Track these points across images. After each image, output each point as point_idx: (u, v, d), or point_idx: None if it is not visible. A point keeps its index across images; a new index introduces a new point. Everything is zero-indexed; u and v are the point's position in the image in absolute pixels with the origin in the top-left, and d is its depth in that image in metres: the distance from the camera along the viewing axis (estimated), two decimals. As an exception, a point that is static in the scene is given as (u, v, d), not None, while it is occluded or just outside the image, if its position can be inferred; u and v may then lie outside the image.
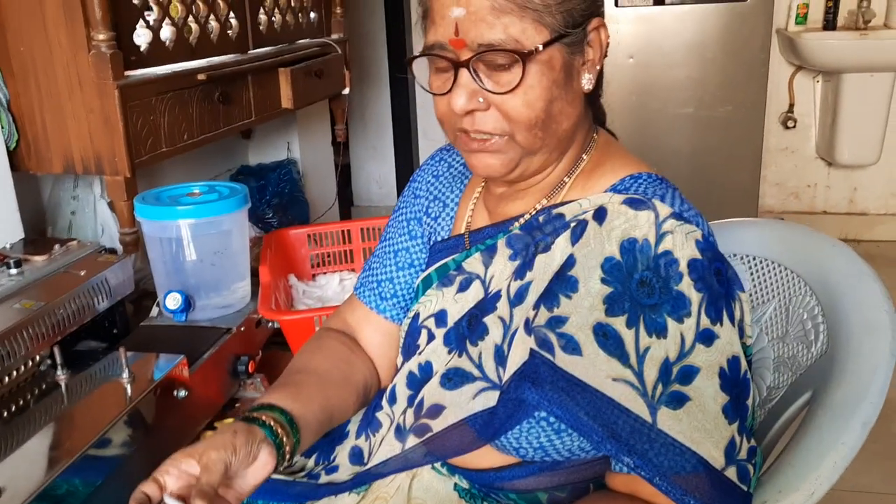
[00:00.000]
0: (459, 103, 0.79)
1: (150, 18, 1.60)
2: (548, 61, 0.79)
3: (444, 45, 0.79)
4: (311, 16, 2.35)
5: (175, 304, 1.30)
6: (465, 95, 0.79)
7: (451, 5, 0.78)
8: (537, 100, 0.79)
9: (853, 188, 3.47)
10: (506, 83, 0.78)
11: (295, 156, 2.74)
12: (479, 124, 0.81)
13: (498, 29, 0.76)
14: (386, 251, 1.05)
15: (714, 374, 0.74)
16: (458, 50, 0.79)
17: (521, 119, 0.80)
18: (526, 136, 0.81)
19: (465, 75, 0.79)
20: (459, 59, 0.79)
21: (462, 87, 0.79)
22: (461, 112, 0.80)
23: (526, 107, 0.79)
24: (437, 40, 0.80)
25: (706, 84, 2.91)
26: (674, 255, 0.75)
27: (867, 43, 3.10)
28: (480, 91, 0.80)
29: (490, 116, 0.81)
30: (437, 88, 0.83)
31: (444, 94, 0.82)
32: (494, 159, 0.83)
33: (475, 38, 0.77)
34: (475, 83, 0.79)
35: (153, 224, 1.33)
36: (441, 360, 0.88)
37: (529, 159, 0.84)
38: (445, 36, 0.79)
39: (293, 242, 1.67)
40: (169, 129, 1.62)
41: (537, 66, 0.78)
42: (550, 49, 0.78)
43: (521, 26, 0.77)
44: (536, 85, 0.78)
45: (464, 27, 0.77)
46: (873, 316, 0.94)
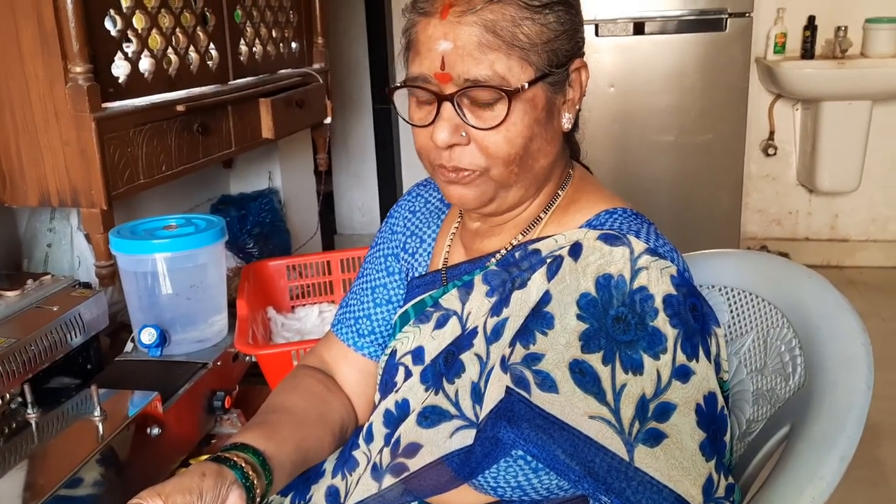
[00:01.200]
0: (442, 137, 0.79)
1: (128, 50, 1.59)
2: (531, 99, 0.79)
3: (429, 78, 0.79)
4: (292, 46, 2.36)
5: (150, 339, 1.28)
6: (448, 129, 0.79)
7: (439, 38, 0.78)
8: (518, 136, 0.79)
9: (834, 215, 3.50)
10: (489, 119, 0.79)
11: (276, 185, 2.73)
12: (457, 160, 0.81)
13: (485, 65, 0.77)
14: (363, 287, 1.04)
15: (691, 411, 0.74)
16: (442, 84, 0.79)
17: (500, 154, 0.80)
18: (501, 172, 0.81)
19: (448, 109, 0.79)
20: (444, 92, 0.79)
21: (445, 120, 0.79)
22: (443, 145, 0.80)
23: (506, 143, 0.79)
24: (421, 73, 0.80)
25: (686, 112, 2.94)
26: (649, 290, 0.75)
27: (844, 72, 3.15)
28: (463, 126, 0.80)
29: (468, 151, 0.81)
30: (419, 120, 0.83)
31: (425, 127, 0.82)
32: (468, 191, 0.83)
33: (461, 73, 0.77)
34: (458, 118, 0.79)
35: (128, 258, 1.31)
36: (418, 397, 0.87)
37: (505, 193, 0.84)
38: (431, 69, 0.79)
39: (272, 274, 1.66)
40: (147, 161, 1.61)
41: (521, 104, 0.78)
42: (535, 88, 0.79)
43: (507, 64, 0.77)
44: (519, 122, 0.79)
45: (450, 61, 0.77)
46: (849, 349, 0.94)
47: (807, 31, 3.25)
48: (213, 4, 1.90)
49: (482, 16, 0.77)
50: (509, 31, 0.77)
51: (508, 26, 0.77)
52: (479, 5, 0.77)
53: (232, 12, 1.98)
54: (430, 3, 0.80)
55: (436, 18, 0.79)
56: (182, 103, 1.70)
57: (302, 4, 2.42)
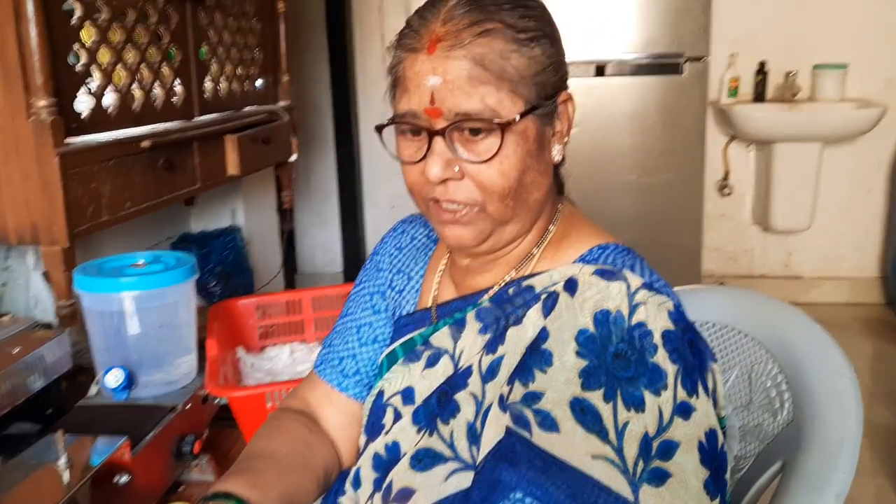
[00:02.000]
0: (434, 171, 0.78)
1: (92, 85, 1.56)
2: (523, 132, 0.79)
3: (418, 114, 0.78)
4: (257, 83, 2.34)
5: (116, 382, 1.23)
6: (441, 164, 0.78)
7: (427, 74, 0.77)
8: (512, 169, 0.78)
9: (788, 252, 3.57)
10: (482, 152, 0.78)
11: (239, 223, 2.68)
12: (451, 194, 0.80)
13: (475, 98, 0.76)
14: (348, 326, 1.01)
15: (693, 448, 0.72)
16: (433, 119, 0.78)
17: (496, 189, 0.79)
18: (497, 207, 0.80)
19: (439, 144, 0.78)
20: (434, 127, 0.78)
21: (437, 155, 0.78)
22: (436, 180, 0.79)
23: (501, 176, 0.78)
24: (410, 108, 0.79)
25: (647, 152, 2.99)
26: (647, 326, 0.74)
27: (795, 115, 3.25)
28: (456, 160, 0.78)
29: (463, 186, 0.79)
30: (409, 157, 0.82)
31: (416, 163, 0.80)
32: (466, 231, 0.82)
33: (452, 108, 0.76)
34: (450, 152, 0.78)
35: (94, 297, 1.26)
36: (410, 440, 0.84)
37: (501, 230, 0.83)
38: (420, 104, 0.78)
39: (241, 313, 1.62)
40: (111, 198, 1.57)
41: (513, 137, 0.78)
42: (525, 120, 0.78)
43: (497, 97, 0.77)
44: (512, 155, 0.78)
45: (440, 96, 0.76)
46: (836, 384, 0.94)
47: (758, 75, 3.35)
48: (178, 40, 1.87)
49: (471, 49, 0.76)
50: (498, 65, 0.77)
51: (497, 59, 0.77)
52: (468, 39, 0.76)
53: (198, 48, 1.96)
54: (416, 39, 0.79)
55: (423, 54, 0.78)
56: (147, 139, 1.66)
57: (267, 42, 2.41)
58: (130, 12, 1.67)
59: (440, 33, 0.77)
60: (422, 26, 0.79)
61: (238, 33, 2.20)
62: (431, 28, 0.78)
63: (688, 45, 2.88)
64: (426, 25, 0.79)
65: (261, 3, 2.36)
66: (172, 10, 1.83)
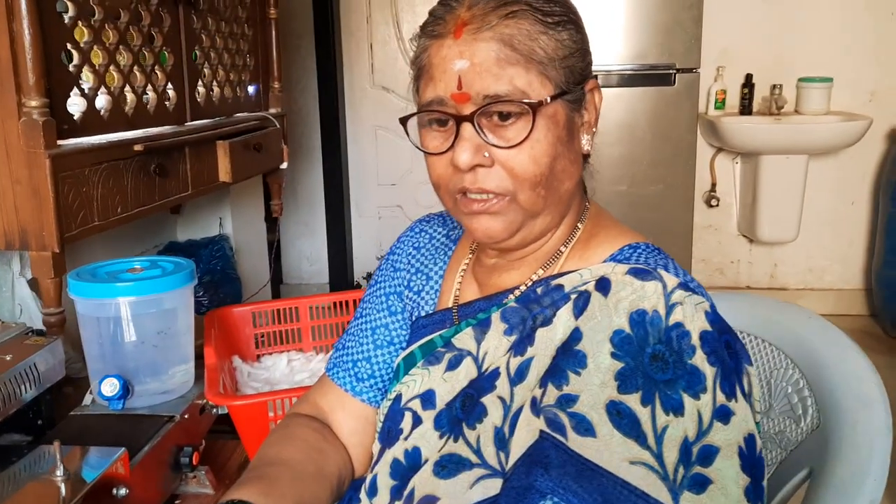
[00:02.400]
0: (464, 158, 0.75)
1: (85, 86, 1.51)
2: (553, 115, 0.76)
3: (445, 100, 0.76)
4: (249, 89, 2.30)
5: (112, 391, 1.18)
6: (471, 150, 0.75)
7: (454, 58, 0.75)
8: (543, 155, 0.76)
9: (774, 264, 3.58)
10: (512, 137, 0.75)
11: (227, 232, 2.64)
12: (481, 182, 0.77)
13: (504, 80, 0.74)
14: (362, 328, 0.98)
15: (734, 454, 0.70)
16: (460, 104, 0.75)
17: (527, 175, 0.76)
18: (529, 196, 0.77)
19: (468, 129, 0.76)
20: (462, 113, 0.75)
21: (467, 140, 0.76)
22: (466, 167, 0.76)
23: (532, 162, 0.76)
24: (436, 95, 0.76)
25: (638, 163, 2.99)
26: (685, 327, 0.71)
27: (780, 127, 3.26)
28: (485, 146, 0.76)
29: (494, 174, 0.77)
30: (435, 148, 0.79)
31: (442, 154, 0.77)
32: (496, 222, 0.79)
33: (481, 91, 0.74)
34: (479, 137, 0.75)
35: (89, 302, 1.21)
36: (432, 445, 0.81)
37: (532, 223, 0.81)
38: (447, 90, 0.75)
39: (236, 321, 1.57)
40: (102, 202, 1.52)
41: (544, 121, 0.76)
42: (555, 104, 0.76)
43: (527, 78, 0.75)
44: (542, 139, 0.76)
45: (467, 80, 0.74)
46: (864, 390, 0.92)
47: (745, 88, 3.37)
48: (171, 43, 1.83)
49: (498, 31, 0.75)
50: (527, 46, 0.75)
51: (525, 40, 0.75)
52: (494, 21, 0.75)
53: (190, 52, 1.92)
54: (441, 25, 0.77)
55: (449, 39, 0.76)
56: (140, 143, 1.62)
57: (259, 49, 2.38)
58: (124, 13, 1.63)
59: (466, 17, 0.76)
60: (447, 13, 0.78)
61: (230, 38, 2.17)
62: (457, 13, 0.77)
63: (679, 56, 2.89)
64: (451, 11, 0.77)
65: (252, 9, 2.33)
66: (165, 13, 1.80)
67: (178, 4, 1.85)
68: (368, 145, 3.61)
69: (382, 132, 3.60)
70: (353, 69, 3.54)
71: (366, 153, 3.62)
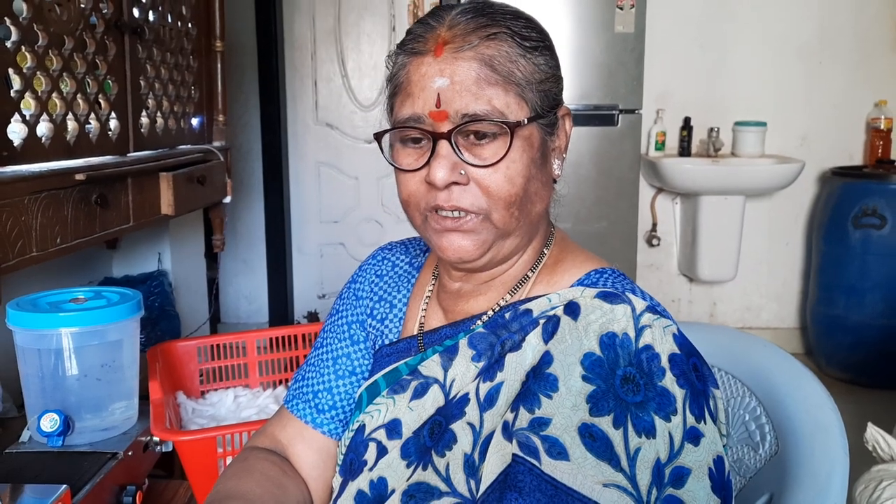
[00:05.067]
0: (441, 175, 0.74)
1: (26, 113, 1.46)
2: (528, 137, 0.77)
3: (422, 118, 0.75)
4: (193, 121, 2.27)
5: (51, 427, 1.12)
6: (447, 167, 0.75)
7: (434, 76, 0.75)
8: (518, 175, 0.76)
9: (713, 303, 3.66)
10: (488, 156, 0.75)
11: (166, 267, 2.56)
12: (456, 200, 0.76)
13: (483, 100, 0.74)
14: (323, 358, 0.95)
15: (704, 476, 0.70)
16: (437, 122, 0.75)
17: (502, 194, 0.76)
18: (503, 215, 0.77)
19: (445, 147, 0.75)
20: (439, 130, 0.75)
21: (443, 157, 0.75)
22: (443, 184, 0.75)
23: (507, 182, 0.76)
24: (414, 113, 0.76)
25: (582, 200, 3.03)
26: (655, 349, 0.72)
27: (718, 168, 3.36)
28: (461, 164, 0.76)
29: (469, 192, 0.76)
30: (408, 165, 0.78)
31: (415, 171, 0.77)
32: (467, 240, 0.78)
33: (459, 109, 0.74)
34: (456, 156, 0.75)
35: (29, 333, 1.15)
36: (399, 475, 0.78)
37: (502, 243, 0.80)
38: (425, 108, 0.75)
39: (181, 356, 1.52)
40: (41, 232, 1.46)
41: (520, 142, 0.76)
42: (531, 126, 0.77)
43: (505, 99, 0.75)
44: (518, 160, 0.76)
45: (446, 98, 0.74)
46: (821, 416, 0.94)
47: (683, 130, 3.47)
48: (116, 72, 1.80)
49: (479, 51, 0.75)
50: (506, 67, 0.76)
51: (505, 62, 0.76)
52: (476, 41, 0.75)
53: (135, 82, 1.88)
54: (422, 43, 0.77)
55: (429, 57, 0.76)
56: (81, 172, 1.57)
57: (204, 81, 2.35)
58: (68, 40, 1.59)
59: (447, 36, 0.76)
60: (427, 31, 0.78)
61: (175, 69, 2.14)
62: (438, 32, 0.77)
63: (622, 97, 2.96)
64: (432, 30, 0.77)
65: (198, 41, 2.30)
66: (111, 41, 1.76)
67: (123, 33, 1.82)
68: (311, 182, 3.59)
69: (326, 169, 3.58)
70: (296, 105, 3.52)
71: (308, 190, 3.59)
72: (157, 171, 1.93)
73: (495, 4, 0.80)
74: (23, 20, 1.42)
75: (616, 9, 2.91)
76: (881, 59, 3.47)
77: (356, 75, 3.53)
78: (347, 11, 3.48)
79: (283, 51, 3.48)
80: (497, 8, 0.79)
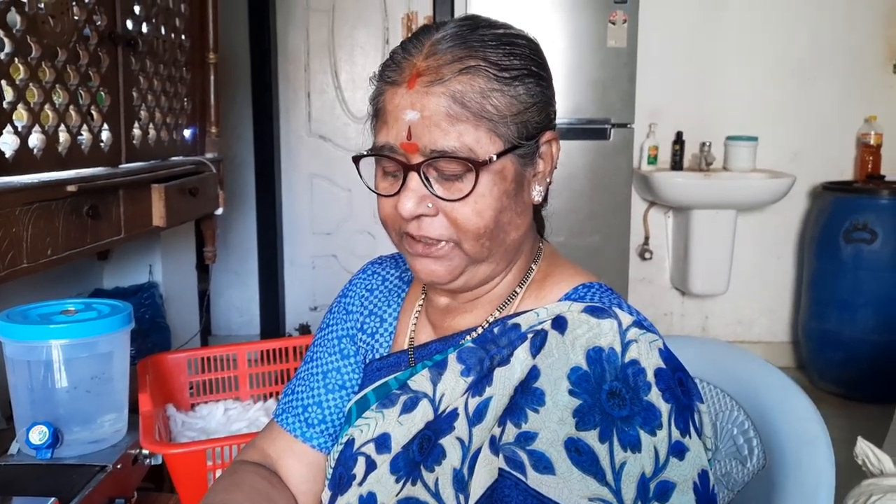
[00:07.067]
0: (408, 207, 0.75)
1: (18, 124, 1.47)
2: (500, 171, 0.77)
3: (395, 148, 0.76)
4: (185, 133, 2.27)
5: (40, 439, 1.11)
6: (414, 200, 0.76)
7: (406, 108, 0.75)
8: (487, 209, 0.76)
9: (705, 316, 3.67)
10: (456, 191, 0.76)
11: (157, 279, 2.56)
12: (425, 230, 0.77)
13: (452, 136, 0.74)
14: (313, 372, 0.95)
15: (689, 490, 0.70)
16: (409, 153, 0.76)
17: (470, 227, 0.76)
18: (473, 245, 0.78)
19: (414, 179, 0.76)
20: (410, 162, 0.75)
21: (411, 191, 0.76)
22: (409, 216, 0.76)
23: (476, 215, 0.76)
24: (387, 142, 0.77)
25: (575, 214, 3.04)
26: (641, 364, 0.72)
27: (710, 182, 3.38)
28: (430, 196, 0.76)
29: (437, 222, 0.77)
30: (384, 189, 0.79)
31: (390, 196, 0.77)
32: (439, 265, 0.79)
33: (428, 144, 0.74)
34: (425, 188, 0.76)
35: (18, 345, 1.15)
36: (388, 490, 0.78)
37: (475, 268, 0.81)
38: (397, 139, 0.76)
39: (171, 368, 1.51)
40: (32, 243, 1.46)
41: (489, 176, 0.76)
42: (503, 159, 0.76)
43: (475, 135, 0.75)
44: (487, 194, 0.76)
45: (417, 131, 0.74)
46: (808, 429, 0.94)
47: (676, 145, 3.49)
48: (109, 84, 1.80)
49: (450, 87, 0.74)
50: (477, 103, 0.75)
51: (477, 98, 0.75)
52: (448, 76, 0.75)
53: (128, 93, 1.89)
54: (397, 73, 0.78)
55: (403, 88, 0.76)
56: (73, 183, 1.57)
57: (197, 93, 2.35)
58: (61, 52, 1.60)
59: (421, 68, 0.75)
60: (404, 59, 0.78)
61: (168, 81, 2.14)
62: (413, 62, 0.76)
63: (615, 112, 2.98)
64: (409, 59, 0.77)
65: (192, 53, 2.31)
66: (104, 53, 1.77)
67: (117, 45, 1.82)
68: (303, 193, 3.59)
69: (319, 180, 3.58)
70: (289, 117, 3.53)
71: (300, 201, 3.59)
72: (150, 182, 1.93)
73: (480, 26, 0.78)
74: (16, 32, 1.43)
75: (609, 24, 2.93)
76: (871, 76, 3.51)
77: (349, 87, 3.54)
78: (341, 24, 3.49)
79: (276, 62, 3.49)
80: (481, 34, 0.77)
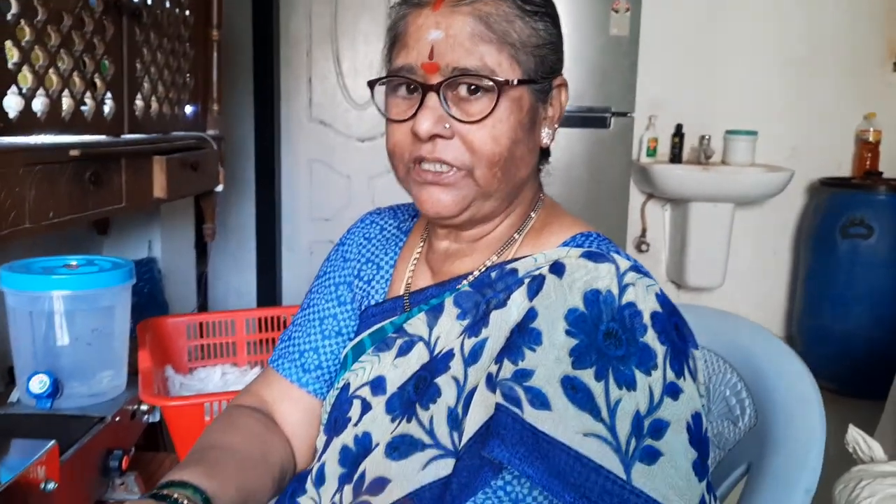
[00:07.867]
0: (425, 126, 0.76)
1: (23, 86, 1.48)
2: (518, 99, 0.78)
3: (414, 69, 0.77)
4: (187, 109, 2.28)
5: (41, 388, 1.12)
6: (432, 119, 0.76)
7: (430, 28, 0.76)
8: (503, 136, 0.77)
9: (700, 309, 3.68)
10: (475, 113, 0.77)
11: (155, 254, 2.57)
12: (439, 152, 0.78)
13: (475, 56, 0.75)
14: (310, 318, 0.96)
15: (682, 429, 0.71)
16: (428, 74, 0.76)
17: (485, 152, 0.77)
18: (485, 173, 0.78)
19: (433, 99, 0.77)
20: (429, 82, 0.76)
21: (429, 108, 0.76)
22: (426, 135, 0.76)
23: (492, 140, 0.77)
24: (407, 63, 0.77)
25: (572, 203, 3.02)
26: (637, 306, 0.73)
27: (708, 175, 3.39)
28: (447, 117, 0.77)
29: (452, 146, 0.78)
30: (397, 115, 0.80)
31: (403, 121, 0.78)
32: (446, 195, 0.79)
33: (450, 63, 0.75)
34: (442, 108, 0.76)
35: (21, 295, 1.16)
36: (383, 429, 0.80)
37: (481, 202, 0.81)
38: (418, 59, 0.76)
39: (170, 332, 1.53)
40: (35, 205, 1.46)
41: (508, 101, 0.77)
42: (522, 88, 0.78)
43: (497, 58, 0.76)
44: (505, 120, 0.77)
45: (439, 51, 0.75)
46: (800, 388, 0.95)
47: (675, 137, 3.50)
48: (112, 53, 1.81)
49: (477, 7, 0.76)
50: (502, 27, 0.77)
51: (501, 21, 0.77)
52: None
53: (132, 64, 1.90)
54: None
55: (428, 9, 0.78)
56: (77, 148, 1.58)
57: (199, 69, 2.36)
58: (67, 17, 1.61)
59: None
60: None
61: (172, 55, 2.15)
62: None
63: (615, 100, 2.98)
64: None
65: (196, 29, 2.32)
66: (109, 22, 1.77)
67: (122, 15, 1.83)
68: (303, 179, 3.59)
69: (318, 166, 3.59)
70: (290, 102, 3.54)
71: (300, 186, 3.60)
72: (151, 153, 1.94)
73: None
74: (22, -8, 1.44)
75: (611, 12, 2.94)
76: (871, 72, 3.52)
77: (351, 74, 3.54)
78: (344, 10, 3.50)
79: (278, 47, 3.49)
80: None
